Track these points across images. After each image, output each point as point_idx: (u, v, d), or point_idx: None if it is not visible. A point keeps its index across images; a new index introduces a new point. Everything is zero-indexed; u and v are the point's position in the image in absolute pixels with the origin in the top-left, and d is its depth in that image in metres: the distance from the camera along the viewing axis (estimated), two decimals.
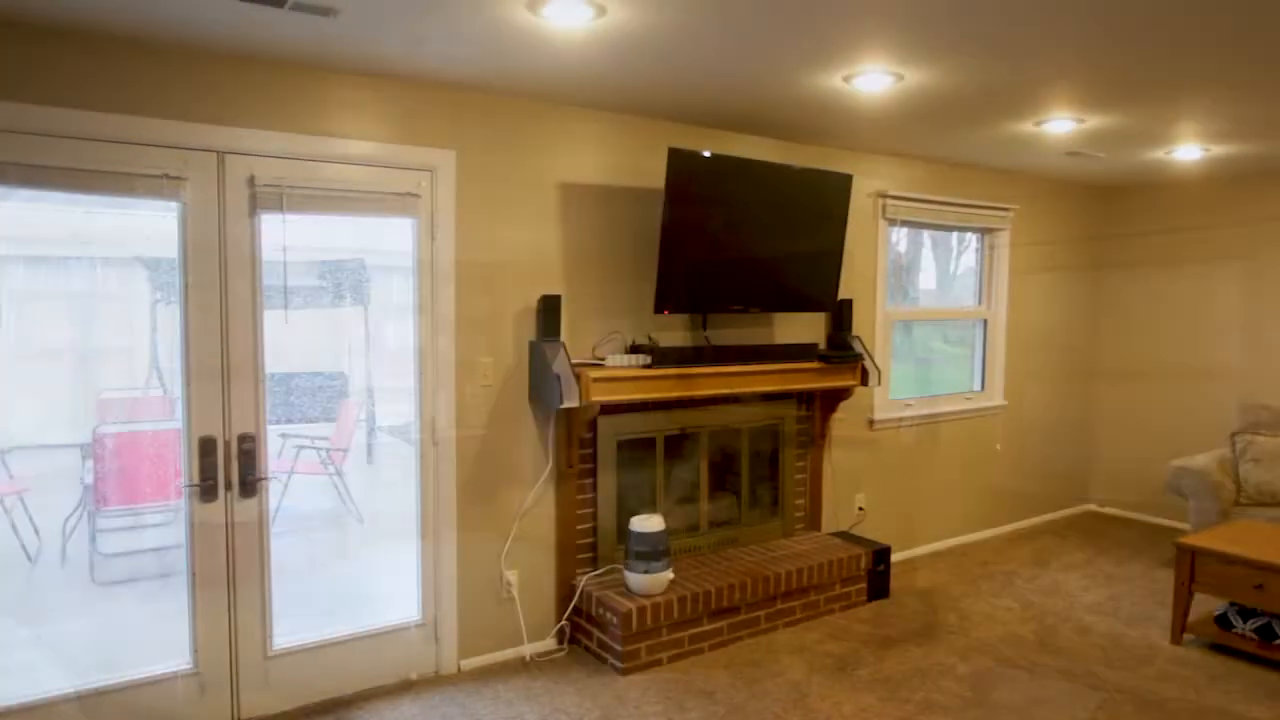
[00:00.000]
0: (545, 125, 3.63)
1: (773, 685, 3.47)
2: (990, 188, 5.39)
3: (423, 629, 3.49)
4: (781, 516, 4.48)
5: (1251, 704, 3.37)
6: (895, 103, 3.52)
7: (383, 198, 3.27)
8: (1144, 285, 6.04)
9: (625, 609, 3.50)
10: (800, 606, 4.08)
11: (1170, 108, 3.57)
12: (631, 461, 4.00)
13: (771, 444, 4.46)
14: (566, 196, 3.72)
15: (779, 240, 4.01)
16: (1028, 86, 3.25)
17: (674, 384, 3.75)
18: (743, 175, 3.82)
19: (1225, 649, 3.88)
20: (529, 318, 3.65)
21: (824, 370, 4.21)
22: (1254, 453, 4.83)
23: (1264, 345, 5.46)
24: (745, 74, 3.12)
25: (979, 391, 5.57)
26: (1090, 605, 4.42)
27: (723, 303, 3.91)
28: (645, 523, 3.64)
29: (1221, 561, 3.77)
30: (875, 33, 2.62)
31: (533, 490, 3.71)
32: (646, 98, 3.52)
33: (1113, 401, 6.25)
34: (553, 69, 3.08)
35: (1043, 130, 4.04)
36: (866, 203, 4.75)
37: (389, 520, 3.86)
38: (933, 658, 3.76)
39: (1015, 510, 5.82)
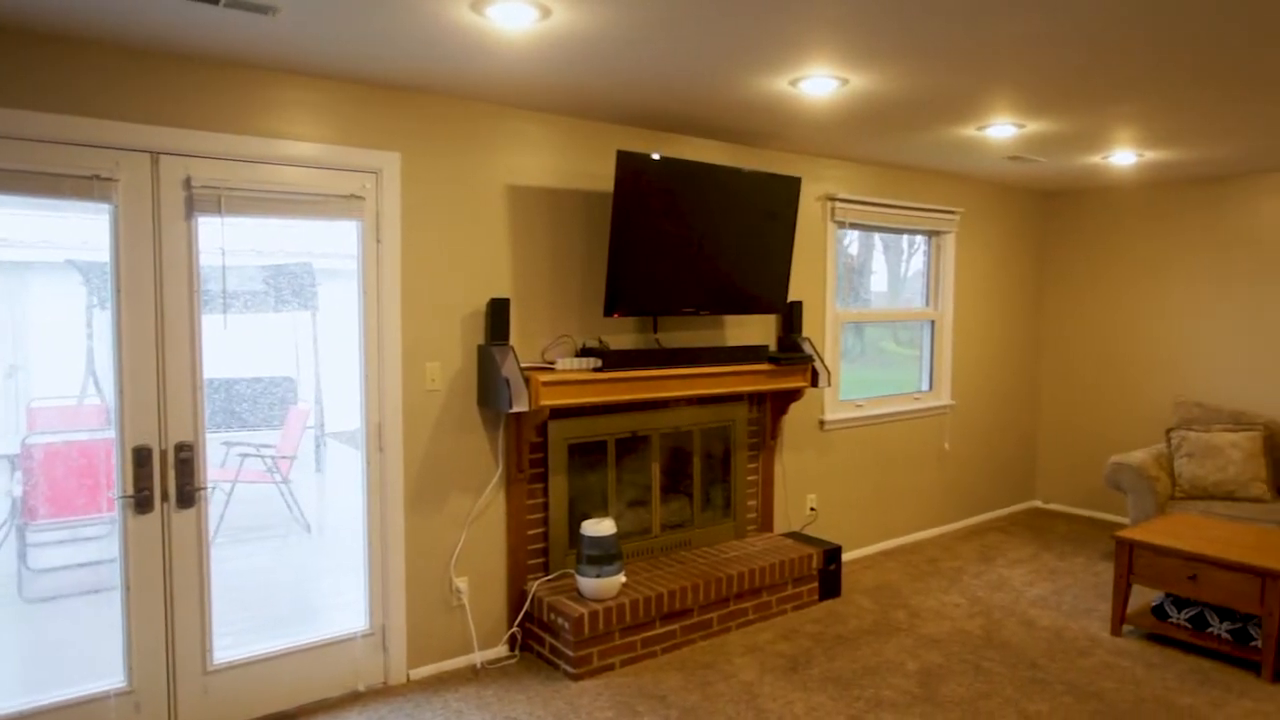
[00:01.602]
0: (492, 127, 3.60)
1: (725, 687, 3.48)
2: (937, 191, 5.48)
3: (370, 639, 3.43)
4: (733, 518, 4.50)
5: (1185, 692, 3.47)
6: (841, 106, 3.56)
7: (326, 200, 3.21)
8: (1084, 287, 6.21)
9: (577, 614, 3.48)
10: (753, 607, 4.10)
11: (1106, 114, 3.66)
12: (583, 465, 3.98)
13: (723, 446, 4.48)
14: (515, 199, 3.69)
15: (729, 243, 4.03)
16: (969, 92, 3.31)
17: (625, 387, 3.74)
18: (692, 178, 3.83)
19: (1162, 638, 4.00)
20: (477, 321, 3.61)
21: (774, 372, 4.24)
22: (1188, 448, 4.99)
23: (1198, 344, 5.64)
24: (692, 77, 3.13)
25: (927, 391, 5.67)
26: (1034, 599, 4.52)
27: (673, 305, 3.91)
28: (596, 526, 3.63)
29: (1157, 554, 3.88)
30: (820, 37, 2.64)
31: (482, 495, 3.67)
32: (595, 100, 3.51)
33: (1056, 400, 6.40)
34: (499, 70, 3.06)
35: (985, 135, 4.12)
36: (815, 206, 4.79)
37: (337, 528, 3.79)
38: (883, 655, 3.80)
39: (963, 508, 5.93)
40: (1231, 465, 4.84)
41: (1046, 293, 6.42)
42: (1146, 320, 5.88)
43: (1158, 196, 5.79)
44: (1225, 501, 4.79)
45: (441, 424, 3.54)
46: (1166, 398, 5.79)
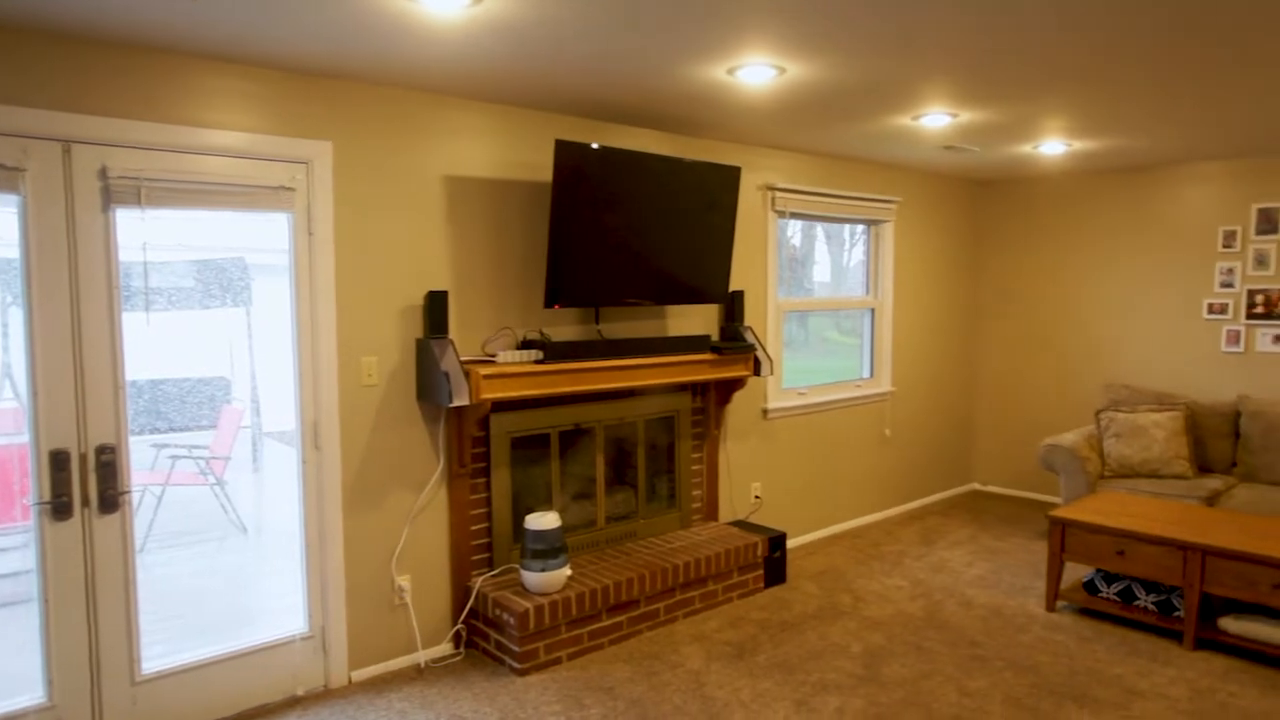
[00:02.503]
0: (428, 117, 3.53)
1: (672, 676, 3.49)
2: (875, 181, 5.55)
3: (310, 641, 3.34)
4: (679, 508, 4.51)
5: (1114, 662, 3.59)
6: (779, 96, 3.58)
7: (254, 191, 3.11)
8: (1018, 274, 6.36)
9: (522, 608, 3.44)
10: (699, 596, 4.12)
11: (1035, 104, 3.75)
12: (526, 459, 3.94)
13: (667, 436, 4.48)
14: (452, 190, 3.62)
15: (670, 233, 4.02)
16: (904, 81, 3.35)
17: (567, 379, 3.71)
18: (632, 168, 3.80)
19: (1093, 613, 4.13)
20: (415, 315, 3.54)
21: (717, 361, 4.26)
22: (1115, 429, 5.16)
23: (1125, 329, 5.83)
24: (630, 66, 3.10)
25: (868, 379, 5.75)
26: (973, 579, 4.62)
27: (615, 296, 3.89)
28: (540, 520, 3.60)
29: (1088, 531, 4.01)
30: (755, 23, 2.64)
31: (424, 492, 3.60)
32: (533, 90, 3.47)
33: (992, 385, 6.56)
34: (432, 58, 2.99)
35: (920, 124, 4.18)
36: (756, 195, 4.82)
37: (276, 529, 3.69)
38: (828, 639, 3.85)
39: (904, 492, 6.04)
40: (1156, 444, 5.02)
41: (982, 280, 6.56)
42: (1076, 306, 6.06)
43: (1086, 186, 5.96)
44: (1150, 479, 4.97)
45: (380, 420, 3.46)
46: (1097, 381, 5.98)
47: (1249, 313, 5.28)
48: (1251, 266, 5.25)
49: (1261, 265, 5.21)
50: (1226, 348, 5.38)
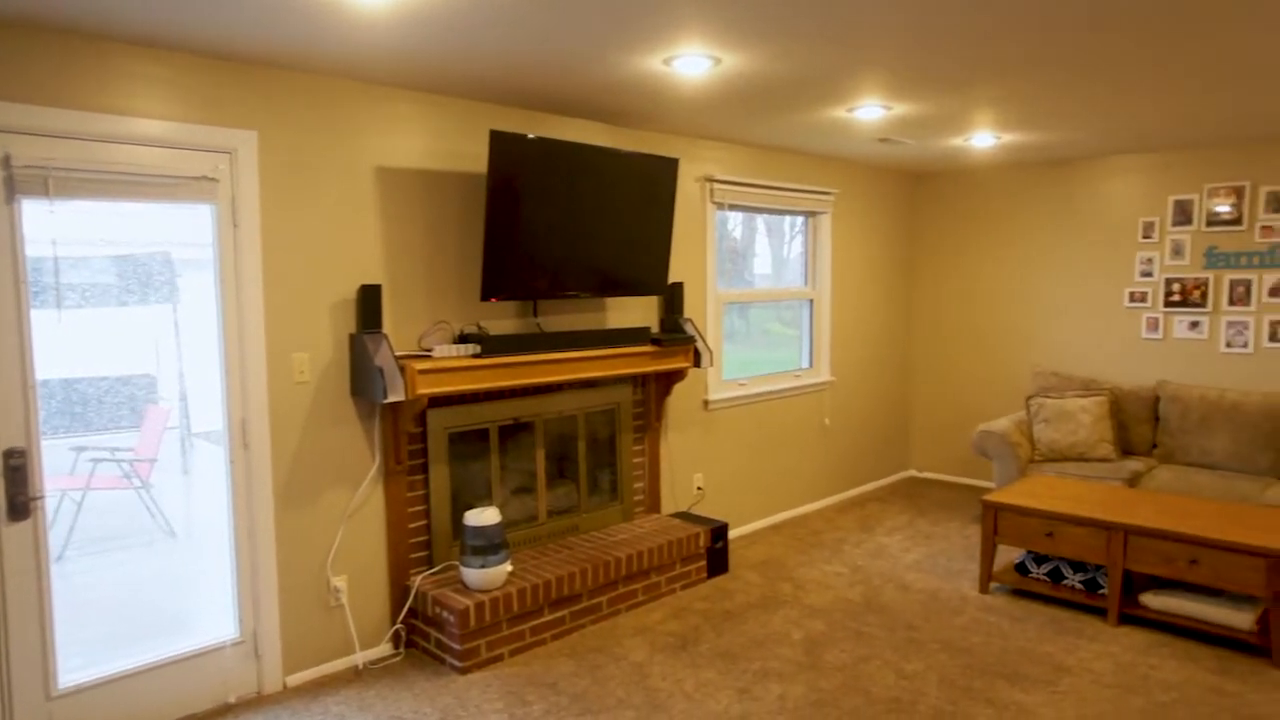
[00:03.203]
0: (360, 106, 3.44)
1: (616, 669, 3.48)
2: (813, 173, 5.61)
3: (241, 647, 3.24)
4: (621, 501, 4.50)
5: (1044, 640, 3.70)
6: (715, 87, 3.58)
7: (174, 182, 2.99)
8: (952, 265, 6.51)
9: (462, 606, 3.39)
10: (642, 589, 4.12)
11: (965, 97, 3.82)
12: (465, 454, 3.88)
13: (608, 429, 4.47)
14: (385, 181, 3.54)
15: (608, 225, 4.00)
16: (838, 73, 3.38)
17: (505, 373, 3.66)
18: (569, 159, 3.77)
19: (1024, 593, 4.25)
20: (348, 309, 3.46)
21: (657, 353, 4.25)
22: (1044, 414, 5.32)
23: (1053, 317, 6.01)
24: (564, 55, 3.07)
25: (807, 369, 5.82)
26: (911, 564, 4.72)
27: (553, 289, 3.86)
28: (480, 516, 3.55)
29: (1018, 514, 4.12)
30: (689, 13, 2.63)
31: (359, 490, 3.52)
32: (467, 79, 3.40)
33: (928, 374, 6.71)
34: (362, 46, 2.91)
35: (855, 116, 4.23)
36: (695, 187, 4.82)
37: (205, 533, 3.57)
38: (770, 627, 3.89)
39: (844, 480, 6.14)
40: (1082, 429, 5.19)
41: (917, 271, 6.70)
42: (1008, 295, 6.23)
43: (1016, 178, 6.12)
44: (1077, 462, 5.14)
45: (313, 417, 3.37)
46: (1027, 368, 6.16)
47: (1167, 301, 5.48)
48: (1169, 256, 5.46)
49: (1178, 255, 5.42)
50: (1146, 334, 5.59)
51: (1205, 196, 5.30)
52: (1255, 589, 3.48)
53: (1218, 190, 5.24)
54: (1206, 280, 5.32)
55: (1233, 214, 5.20)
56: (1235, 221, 5.19)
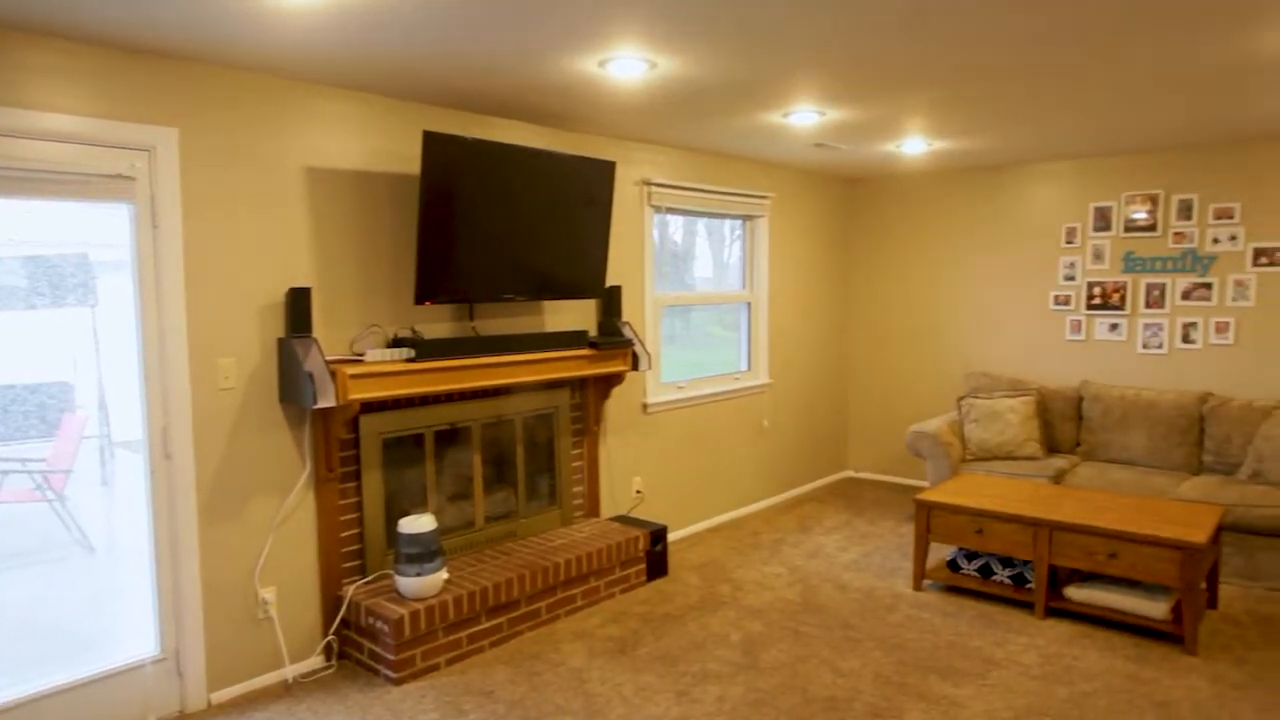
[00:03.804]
0: (288, 104, 3.35)
1: (554, 676, 3.45)
2: (750, 176, 5.67)
3: (162, 664, 3.12)
4: (560, 505, 4.47)
5: (974, 635, 3.80)
6: (651, 90, 3.58)
7: (87, 180, 2.87)
8: (886, 268, 6.64)
9: (397, 615, 3.33)
10: (581, 594, 4.09)
11: (897, 104, 3.90)
12: (399, 460, 3.81)
13: (546, 433, 4.43)
14: (315, 181, 3.45)
15: (545, 227, 3.97)
16: (773, 78, 3.42)
17: (440, 377, 3.61)
18: (505, 161, 3.73)
19: (956, 589, 4.35)
20: (276, 313, 3.36)
21: (595, 357, 4.24)
22: (975, 414, 5.46)
23: (983, 319, 6.18)
24: (498, 56, 3.03)
25: (746, 371, 5.87)
26: (847, 563, 4.79)
27: (489, 292, 3.81)
28: (415, 523, 3.48)
29: (949, 512, 4.22)
30: (622, 15, 2.63)
31: (289, 498, 3.43)
32: (400, 78, 3.34)
33: (864, 375, 6.83)
34: (289, 42, 2.83)
35: (790, 122, 4.29)
36: (632, 190, 4.82)
37: (126, 546, 3.43)
38: (709, 629, 3.90)
39: (782, 481, 6.21)
40: (1010, 428, 5.34)
41: (853, 274, 6.82)
42: (940, 298, 6.38)
43: (947, 183, 6.28)
44: (1006, 461, 5.28)
45: (239, 424, 3.26)
46: (959, 369, 6.32)
47: (1088, 304, 5.69)
48: (1090, 261, 5.66)
49: (1098, 260, 5.63)
50: (1070, 336, 5.78)
51: (1123, 204, 5.51)
52: (1169, 580, 3.62)
53: (1134, 198, 5.46)
54: (1125, 284, 5.53)
55: (1148, 221, 5.42)
56: (1150, 228, 5.41)
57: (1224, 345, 5.20)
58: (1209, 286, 5.23)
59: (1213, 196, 5.19)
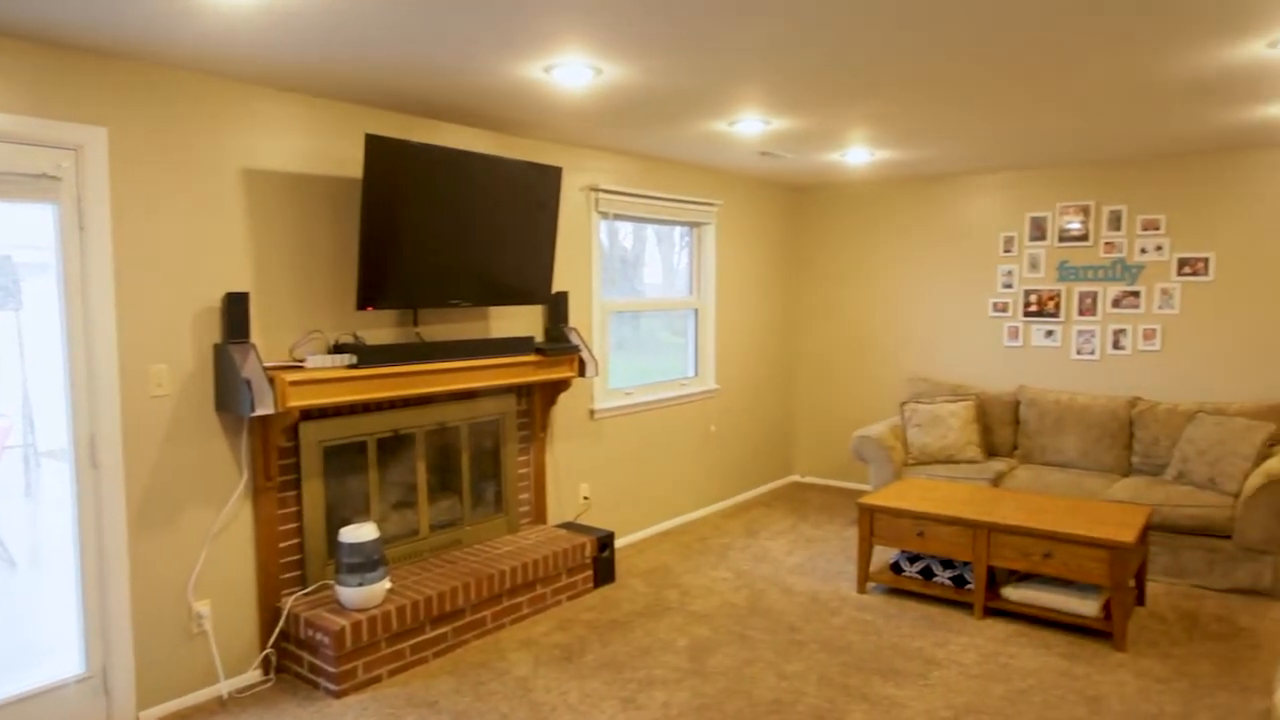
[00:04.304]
0: (224, 104, 3.27)
1: (499, 685, 3.42)
2: (697, 184, 5.71)
3: (88, 683, 3.01)
4: (506, 513, 4.44)
5: (916, 636, 3.87)
6: (597, 97, 3.59)
7: (9, 180, 2.76)
8: (831, 275, 6.74)
9: (337, 626, 3.26)
10: (527, 601, 4.06)
11: (841, 115, 3.97)
12: (341, 468, 3.74)
13: (492, 440, 4.40)
14: (254, 184, 3.37)
15: (491, 233, 3.94)
16: (718, 88, 3.45)
17: (383, 384, 3.55)
18: (450, 166, 3.70)
19: (899, 591, 4.43)
20: (212, 318, 3.27)
21: (541, 363, 4.22)
22: (917, 419, 5.57)
23: (925, 325, 6.31)
24: (442, 60, 3.01)
25: (693, 377, 5.90)
26: (793, 567, 4.84)
27: (433, 297, 3.77)
28: (356, 532, 3.42)
29: (892, 516, 4.29)
30: (568, 23, 2.63)
31: (225, 508, 3.34)
32: (341, 81, 3.29)
33: (809, 381, 6.92)
34: (225, 42, 2.76)
35: (736, 130, 4.33)
36: (579, 196, 4.82)
37: (53, 560, 3.29)
38: (655, 635, 3.90)
39: (730, 486, 6.25)
40: (951, 432, 5.46)
41: (799, 281, 6.91)
42: (884, 305, 6.50)
43: (890, 193, 6.40)
44: (947, 464, 5.40)
45: (173, 433, 3.17)
46: (902, 375, 6.44)
47: (1025, 311, 5.85)
48: (1027, 269, 5.83)
49: (1034, 268, 5.79)
50: (1008, 342, 5.94)
51: (1057, 214, 5.68)
52: (1100, 578, 3.74)
53: (1068, 208, 5.64)
54: (1059, 292, 5.70)
55: (1081, 231, 5.60)
56: (1083, 238, 5.59)
57: (1151, 351, 5.39)
58: (1137, 295, 5.42)
59: (1140, 208, 5.38)
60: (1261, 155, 5.01)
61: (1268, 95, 3.61)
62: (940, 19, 2.58)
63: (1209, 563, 4.41)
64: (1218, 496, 4.45)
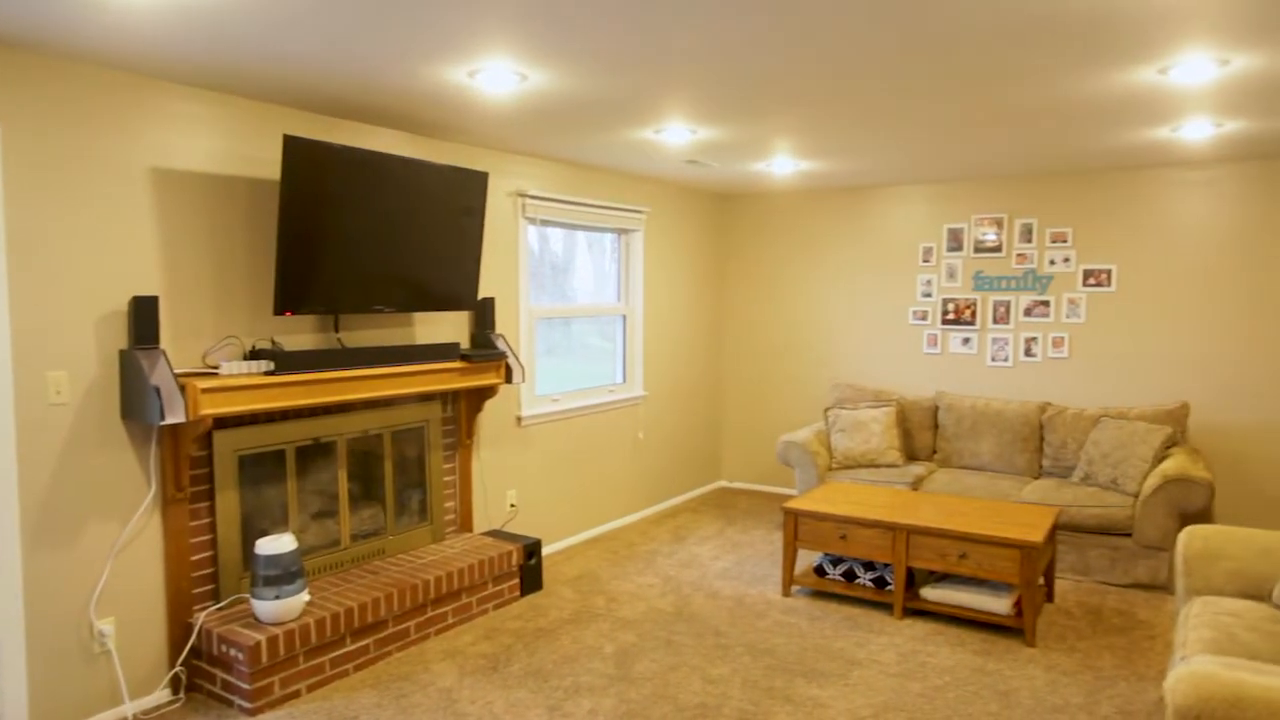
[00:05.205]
0: (132, 101, 3.14)
1: (423, 697, 3.36)
2: (625, 191, 5.73)
3: None
4: (431, 521, 4.37)
5: (838, 637, 3.95)
6: (523, 103, 3.57)
7: None
8: (758, 283, 6.85)
9: (252, 641, 3.15)
10: (452, 611, 4.00)
11: (764, 126, 4.04)
12: (258, 478, 3.62)
13: (417, 448, 4.32)
14: (164, 183, 3.25)
15: (415, 238, 3.88)
16: (643, 96, 3.47)
17: (302, 391, 3.46)
18: (373, 169, 3.63)
19: (822, 594, 4.51)
20: (118, 323, 3.14)
21: (467, 369, 4.17)
22: (840, 424, 5.69)
23: (848, 333, 6.46)
24: (363, 62, 2.95)
25: (621, 384, 5.91)
26: (720, 572, 4.89)
27: (357, 303, 3.69)
28: (273, 544, 3.32)
29: (815, 519, 4.38)
30: (489, 28, 2.61)
31: (132, 522, 3.20)
32: (258, 80, 3.20)
33: (737, 387, 7.01)
34: (131, 37, 2.66)
35: (662, 138, 4.37)
36: (506, 202, 4.79)
37: None
38: (582, 642, 3.89)
39: (658, 492, 6.28)
40: (874, 437, 5.60)
41: (727, 288, 6.99)
42: (809, 313, 6.63)
43: (815, 202, 6.54)
44: (870, 469, 5.53)
45: (73, 443, 3.02)
46: (827, 381, 6.58)
47: (943, 319, 6.04)
48: (944, 279, 6.03)
49: (952, 278, 6.00)
50: (927, 349, 6.13)
51: (973, 225, 5.90)
52: (1011, 577, 3.88)
53: (983, 220, 5.85)
54: (975, 301, 5.91)
55: (995, 242, 5.82)
56: (997, 249, 5.81)
57: (1060, 359, 5.64)
58: (1047, 304, 5.66)
59: (1050, 221, 5.63)
60: (1158, 174, 5.29)
61: (1160, 118, 3.82)
62: (850, 44, 2.66)
63: (1111, 560, 4.63)
64: (1119, 497, 4.67)
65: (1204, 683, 2.13)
